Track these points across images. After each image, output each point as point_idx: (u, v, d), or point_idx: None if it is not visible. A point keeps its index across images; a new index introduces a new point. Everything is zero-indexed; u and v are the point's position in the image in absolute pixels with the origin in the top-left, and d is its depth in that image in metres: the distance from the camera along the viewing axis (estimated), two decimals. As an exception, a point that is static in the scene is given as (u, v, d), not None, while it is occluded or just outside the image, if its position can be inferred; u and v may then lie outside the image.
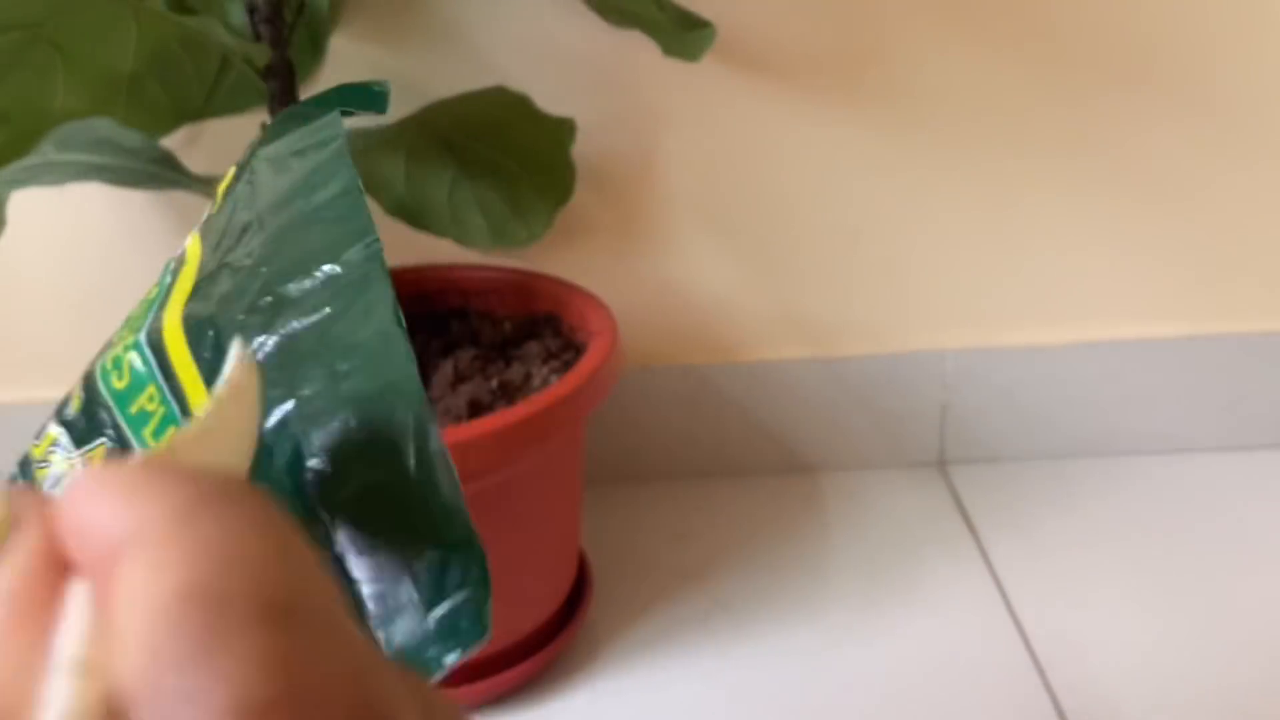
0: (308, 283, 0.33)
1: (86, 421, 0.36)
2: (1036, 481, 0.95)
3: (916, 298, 0.93)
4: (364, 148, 0.78)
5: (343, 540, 0.30)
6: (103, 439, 0.36)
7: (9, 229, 0.69)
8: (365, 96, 0.38)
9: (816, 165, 0.88)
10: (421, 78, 0.85)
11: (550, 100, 0.76)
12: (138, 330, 0.36)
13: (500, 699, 0.73)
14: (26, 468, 0.39)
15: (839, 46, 0.84)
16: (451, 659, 0.28)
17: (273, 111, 0.71)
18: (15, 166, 0.64)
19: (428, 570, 0.29)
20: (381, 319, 0.30)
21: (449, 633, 0.28)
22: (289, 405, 0.31)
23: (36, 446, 0.39)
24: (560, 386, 0.65)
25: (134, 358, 0.35)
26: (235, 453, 0.27)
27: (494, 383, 0.71)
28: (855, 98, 0.86)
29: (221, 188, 0.40)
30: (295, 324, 0.32)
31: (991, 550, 0.86)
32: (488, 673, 0.72)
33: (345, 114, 0.37)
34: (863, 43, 0.84)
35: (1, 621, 0.16)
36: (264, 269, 0.34)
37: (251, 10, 0.66)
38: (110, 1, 0.63)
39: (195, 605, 0.15)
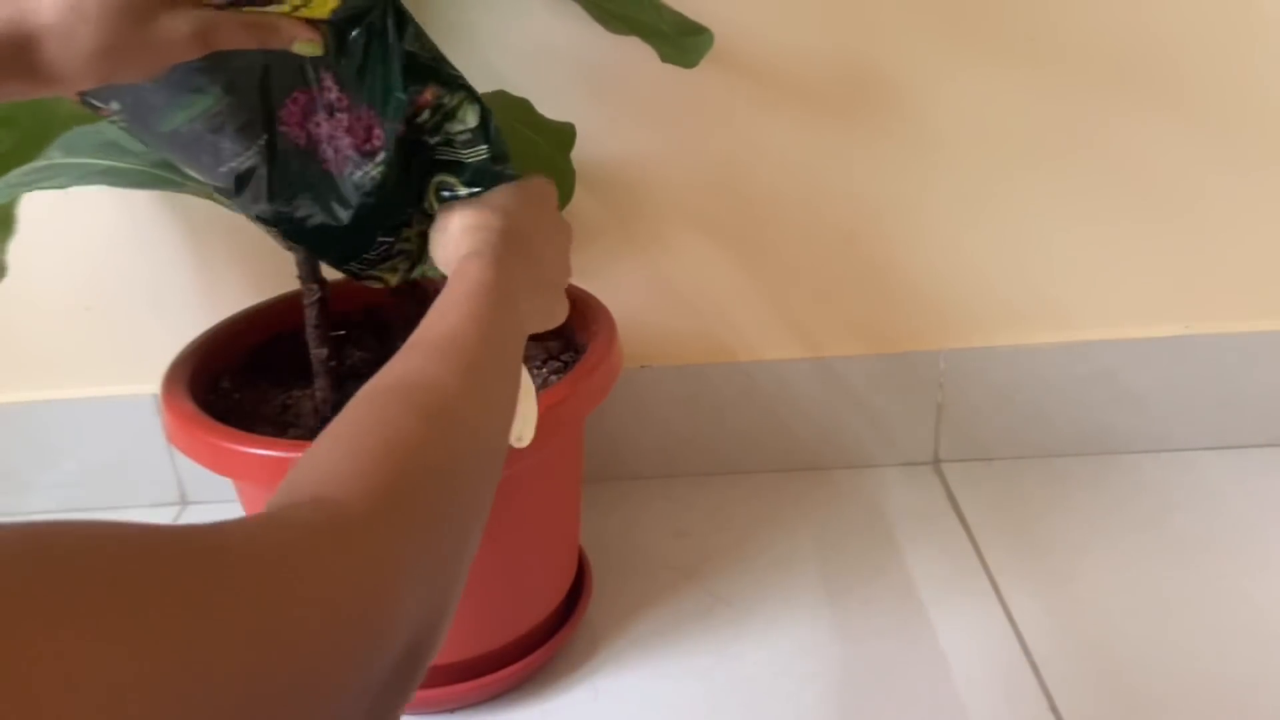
0: None
1: None
2: (1030, 479, 0.96)
3: (911, 299, 0.94)
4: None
5: None
6: None
7: (17, 232, 0.70)
8: None
9: (812, 169, 0.89)
10: (423, 82, 0.85)
11: (551, 105, 0.77)
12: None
13: (502, 694, 0.74)
14: None
15: (835, 53, 0.85)
16: None
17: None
18: (23, 170, 0.65)
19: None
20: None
21: None
22: None
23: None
24: (560, 386, 0.66)
25: None
26: None
27: (495, 383, 0.71)
28: (849, 103, 0.87)
29: None
30: None
31: (985, 547, 0.87)
32: (489, 669, 0.72)
33: None
34: (858, 49, 0.85)
35: None
36: None
37: (256, 16, 0.67)
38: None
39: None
